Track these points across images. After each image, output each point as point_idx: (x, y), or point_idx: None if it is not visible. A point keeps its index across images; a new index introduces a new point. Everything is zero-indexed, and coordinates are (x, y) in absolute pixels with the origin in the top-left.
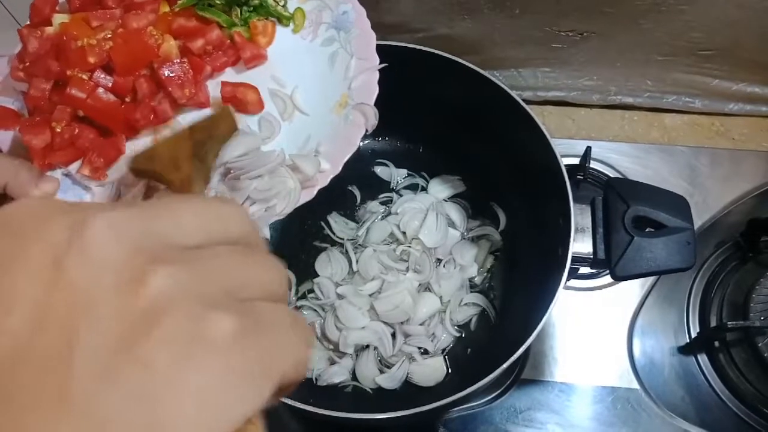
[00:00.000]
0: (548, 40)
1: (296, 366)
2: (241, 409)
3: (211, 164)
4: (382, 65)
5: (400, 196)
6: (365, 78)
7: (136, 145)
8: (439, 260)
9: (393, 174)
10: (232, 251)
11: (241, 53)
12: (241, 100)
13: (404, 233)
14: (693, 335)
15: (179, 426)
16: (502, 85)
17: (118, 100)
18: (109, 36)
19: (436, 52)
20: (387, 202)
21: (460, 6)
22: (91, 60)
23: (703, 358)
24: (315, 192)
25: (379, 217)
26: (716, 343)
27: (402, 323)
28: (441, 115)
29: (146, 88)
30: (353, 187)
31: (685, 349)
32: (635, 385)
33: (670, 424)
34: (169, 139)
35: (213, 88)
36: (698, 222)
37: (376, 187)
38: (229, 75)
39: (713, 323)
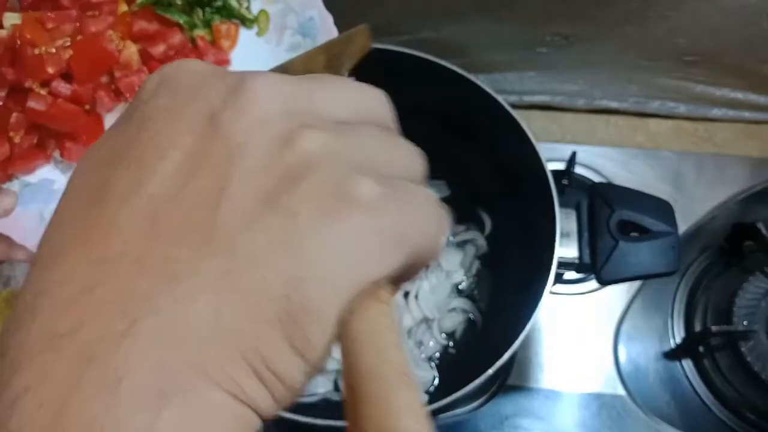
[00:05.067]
0: (534, 44)
1: (429, 243)
2: (374, 269)
3: (344, 76)
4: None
5: None
6: None
7: None
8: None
9: None
10: (378, 129)
11: (204, 58)
12: None
13: None
14: (678, 340)
15: (316, 275)
16: (488, 89)
17: (80, 108)
18: (68, 44)
19: (422, 55)
20: None
21: (447, 9)
22: (50, 70)
23: (687, 363)
24: None
25: None
26: (701, 348)
27: None
28: (426, 119)
29: (107, 102)
30: None
31: (670, 355)
32: (621, 391)
33: (655, 429)
34: (303, 55)
35: None
36: (683, 227)
37: None
38: None
39: (698, 328)
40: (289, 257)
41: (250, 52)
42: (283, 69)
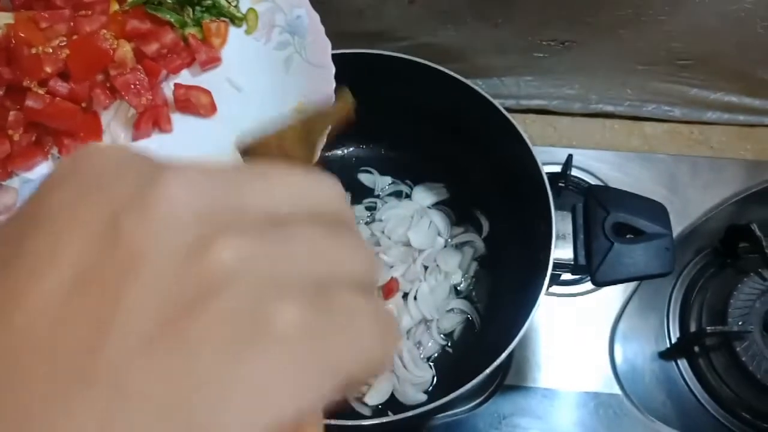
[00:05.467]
0: (530, 49)
1: (367, 365)
2: (295, 407)
3: (317, 140)
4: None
5: (385, 203)
6: (321, 86)
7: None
8: (425, 267)
9: (377, 181)
10: (322, 227)
11: (196, 56)
12: (193, 103)
13: (389, 239)
14: (673, 340)
15: (219, 417)
16: (485, 94)
17: (77, 106)
18: (63, 43)
19: (420, 60)
20: (372, 208)
21: (444, 15)
22: (48, 69)
23: (683, 363)
24: None
25: (363, 221)
26: (696, 348)
27: None
28: (425, 123)
29: (103, 99)
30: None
31: (666, 355)
32: (617, 390)
33: (651, 428)
34: (281, 129)
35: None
36: (678, 229)
37: (361, 195)
38: (185, 78)
39: (693, 328)
40: (187, 401)
41: (240, 49)
42: (260, 140)
